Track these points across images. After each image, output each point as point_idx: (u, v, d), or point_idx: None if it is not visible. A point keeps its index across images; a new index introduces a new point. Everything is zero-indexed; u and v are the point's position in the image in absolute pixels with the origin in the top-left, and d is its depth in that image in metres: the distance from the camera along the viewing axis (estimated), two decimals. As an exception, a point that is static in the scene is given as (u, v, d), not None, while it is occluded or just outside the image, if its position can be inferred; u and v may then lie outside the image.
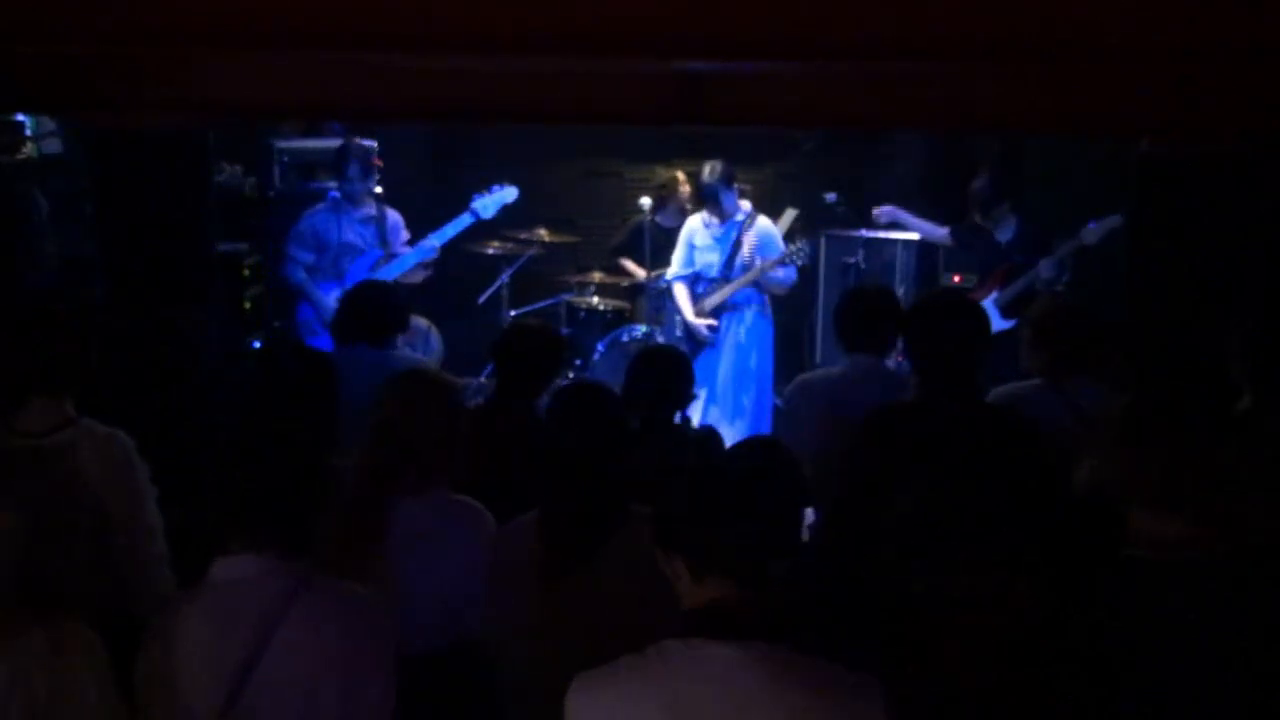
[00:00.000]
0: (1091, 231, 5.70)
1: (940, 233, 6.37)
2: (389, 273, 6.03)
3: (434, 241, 6.16)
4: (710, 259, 6.30)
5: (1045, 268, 5.79)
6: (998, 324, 5.61)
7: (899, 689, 1.89)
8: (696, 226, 6.37)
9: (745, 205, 6.31)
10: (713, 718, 1.81)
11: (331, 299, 5.95)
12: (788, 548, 1.95)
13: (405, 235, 6.25)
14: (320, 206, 6.12)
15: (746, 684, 1.81)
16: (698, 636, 1.86)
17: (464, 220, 6.25)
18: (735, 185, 6.27)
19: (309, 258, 6.04)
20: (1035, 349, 3.62)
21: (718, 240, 6.28)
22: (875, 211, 6.44)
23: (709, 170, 6.11)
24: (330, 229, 6.04)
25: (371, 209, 6.15)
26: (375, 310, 4.28)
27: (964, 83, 4.20)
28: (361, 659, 2.21)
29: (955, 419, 2.97)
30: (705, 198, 6.20)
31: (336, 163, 6.12)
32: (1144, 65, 3.58)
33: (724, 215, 6.20)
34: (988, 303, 5.85)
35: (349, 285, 5.87)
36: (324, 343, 5.90)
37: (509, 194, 6.37)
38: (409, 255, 6.13)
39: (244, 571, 2.18)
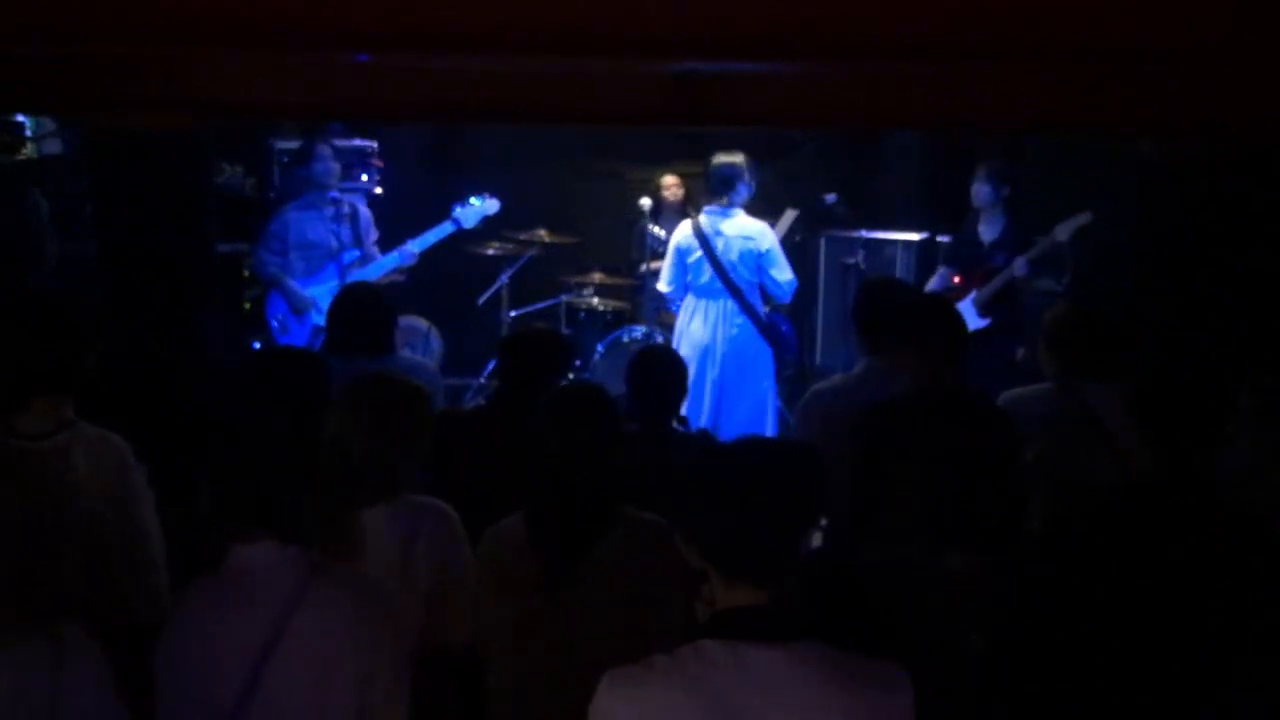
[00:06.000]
0: (1063, 229, 5.82)
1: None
2: (366, 275, 5.99)
3: (413, 248, 6.12)
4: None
5: (1020, 265, 5.88)
6: (975, 323, 5.69)
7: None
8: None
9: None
10: (751, 718, 1.79)
11: (307, 293, 5.95)
12: (803, 550, 1.93)
13: (375, 234, 6.24)
14: (291, 205, 6.09)
15: (788, 684, 1.80)
16: (733, 638, 1.84)
17: (445, 228, 6.23)
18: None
19: (277, 260, 6.01)
20: (1048, 353, 3.64)
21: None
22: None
23: (730, 158, 5.86)
24: (301, 227, 6.00)
25: (345, 207, 6.11)
26: (368, 317, 4.16)
27: (964, 83, 4.20)
28: (375, 643, 2.23)
29: (935, 418, 3.01)
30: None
31: (303, 156, 6.09)
32: (1144, 65, 3.58)
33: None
34: (966, 302, 5.92)
35: (320, 282, 5.89)
36: (298, 338, 5.91)
37: (490, 206, 6.34)
38: (388, 259, 6.10)
39: (261, 558, 2.21)
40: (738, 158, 5.87)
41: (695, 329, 6.01)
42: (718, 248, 5.88)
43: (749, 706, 1.79)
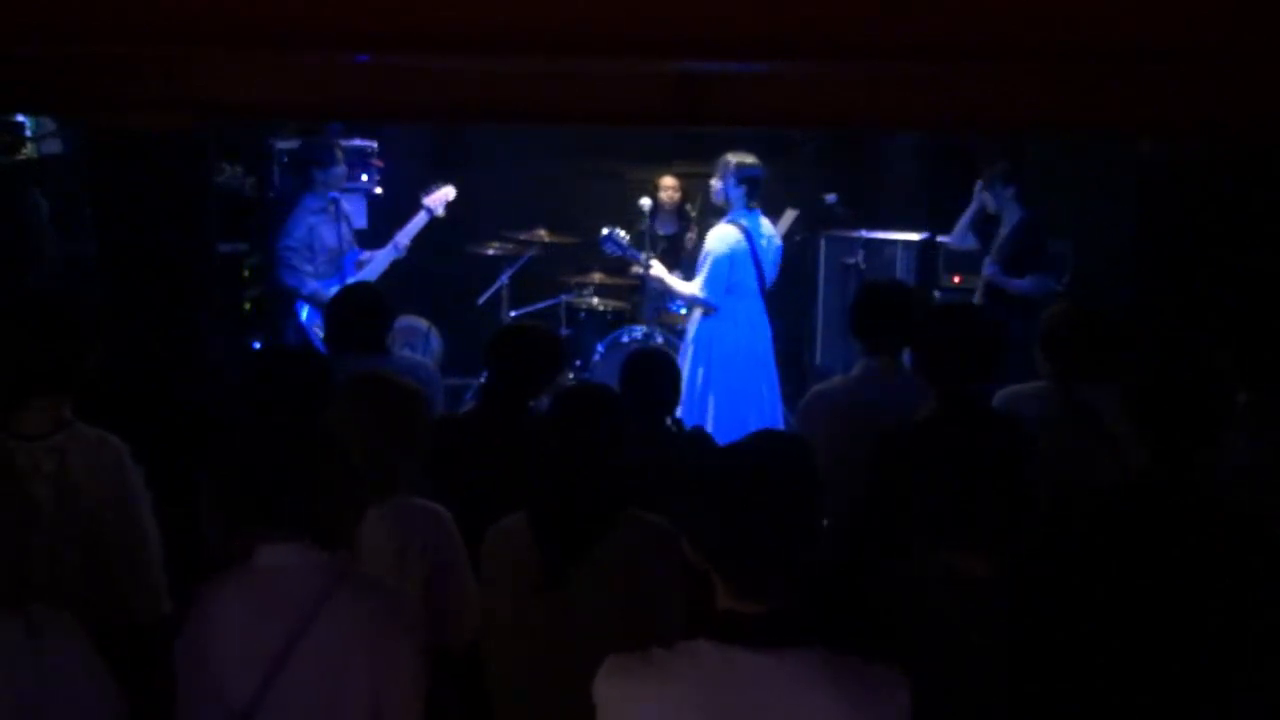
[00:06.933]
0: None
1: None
2: (372, 272, 6.12)
3: (404, 240, 6.25)
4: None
5: (986, 265, 6.04)
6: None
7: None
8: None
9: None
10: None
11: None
12: (810, 557, 1.93)
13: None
14: (305, 211, 6.10)
15: (776, 691, 1.80)
16: (731, 640, 1.84)
17: (422, 218, 6.32)
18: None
19: (310, 269, 6.04)
20: (1045, 352, 3.64)
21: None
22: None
23: (750, 158, 5.84)
24: (328, 234, 6.06)
25: (343, 206, 6.21)
26: (367, 315, 4.17)
27: (964, 83, 4.20)
28: (395, 651, 2.24)
29: (963, 439, 2.93)
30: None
31: (321, 159, 6.12)
32: (1144, 65, 3.58)
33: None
34: None
35: (338, 283, 5.92)
36: None
37: (448, 191, 6.42)
38: (383, 254, 6.22)
39: (287, 559, 2.22)
40: (754, 158, 5.89)
41: (744, 334, 5.98)
42: (763, 249, 5.92)
43: (737, 710, 1.79)
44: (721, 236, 5.88)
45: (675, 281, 6.26)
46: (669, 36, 3.08)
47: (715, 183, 5.91)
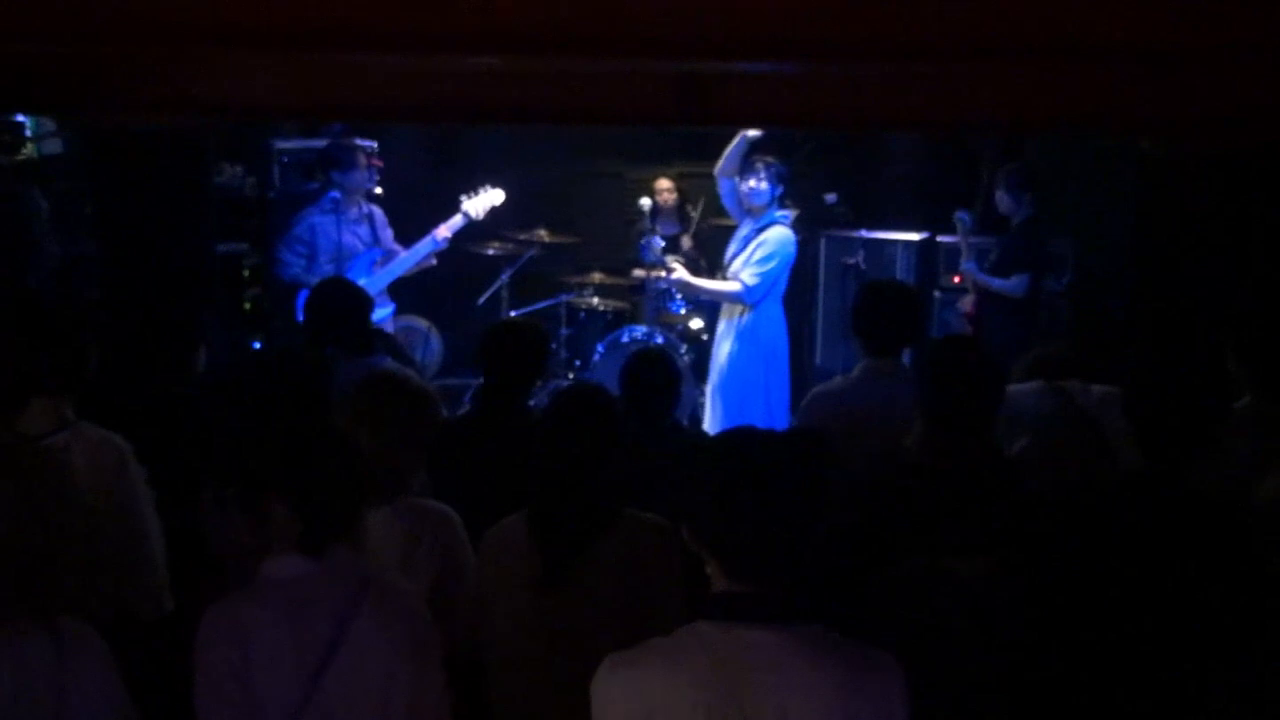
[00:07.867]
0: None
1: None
2: (394, 271, 6.09)
3: (446, 233, 6.11)
4: None
5: (964, 261, 6.17)
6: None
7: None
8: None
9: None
10: (748, 697, 1.80)
11: None
12: (812, 545, 1.93)
13: (390, 231, 6.29)
14: (314, 209, 6.11)
15: (781, 664, 1.81)
16: (730, 618, 1.85)
17: (458, 222, 6.23)
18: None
19: (301, 263, 6.04)
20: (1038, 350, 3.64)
21: None
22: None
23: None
24: (330, 232, 6.04)
25: (363, 208, 6.19)
26: (346, 312, 4.12)
27: (964, 83, 4.20)
28: (426, 653, 2.27)
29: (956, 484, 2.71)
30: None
31: (340, 161, 6.12)
32: (1144, 65, 3.58)
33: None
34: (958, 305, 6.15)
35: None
36: None
37: (496, 196, 6.32)
38: (421, 246, 6.12)
39: (306, 569, 2.21)
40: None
41: (782, 332, 6.00)
42: None
43: (745, 684, 1.80)
44: (789, 239, 5.85)
45: (702, 280, 6.23)
46: (669, 36, 3.08)
47: (756, 184, 5.79)
